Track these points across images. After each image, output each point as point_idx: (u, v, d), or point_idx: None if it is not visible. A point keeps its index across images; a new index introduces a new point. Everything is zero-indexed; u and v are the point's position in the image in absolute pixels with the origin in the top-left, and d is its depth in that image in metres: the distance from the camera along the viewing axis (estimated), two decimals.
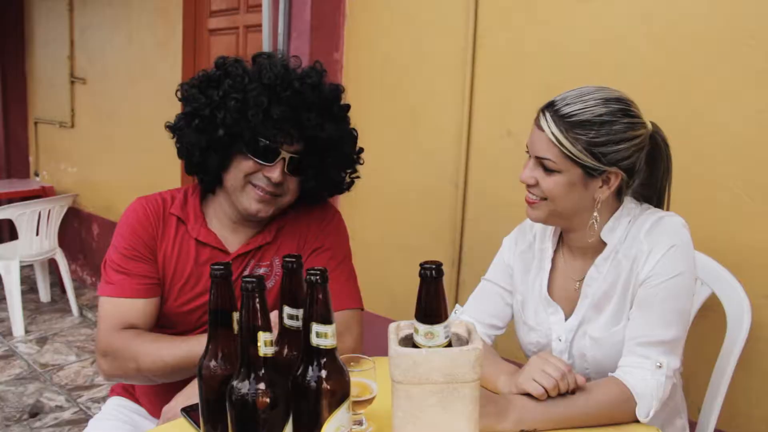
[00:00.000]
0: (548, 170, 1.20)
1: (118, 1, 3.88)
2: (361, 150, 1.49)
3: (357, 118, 1.59)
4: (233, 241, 1.42)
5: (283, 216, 1.45)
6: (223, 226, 1.42)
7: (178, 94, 1.40)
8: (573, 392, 1.13)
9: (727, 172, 1.65)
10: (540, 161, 1.21)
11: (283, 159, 1.32)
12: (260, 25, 2.81)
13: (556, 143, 1.18)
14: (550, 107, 1.21)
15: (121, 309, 1.34)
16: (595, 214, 1.24)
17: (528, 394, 1.13)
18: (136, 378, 1.36)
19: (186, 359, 1.26)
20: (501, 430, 1.08)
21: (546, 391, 1.11)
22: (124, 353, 1.31)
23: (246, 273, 1.40)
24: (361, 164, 1.50)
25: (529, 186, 1.25)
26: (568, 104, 1.19)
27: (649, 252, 1.20)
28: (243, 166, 1.33)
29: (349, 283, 1.45)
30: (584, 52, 1.91)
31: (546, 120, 1.20)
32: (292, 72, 1.35)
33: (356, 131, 1.47)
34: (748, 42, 1.60)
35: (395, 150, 2.48)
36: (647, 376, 1.15)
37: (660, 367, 1.15)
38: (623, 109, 1.19)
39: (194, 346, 1.26)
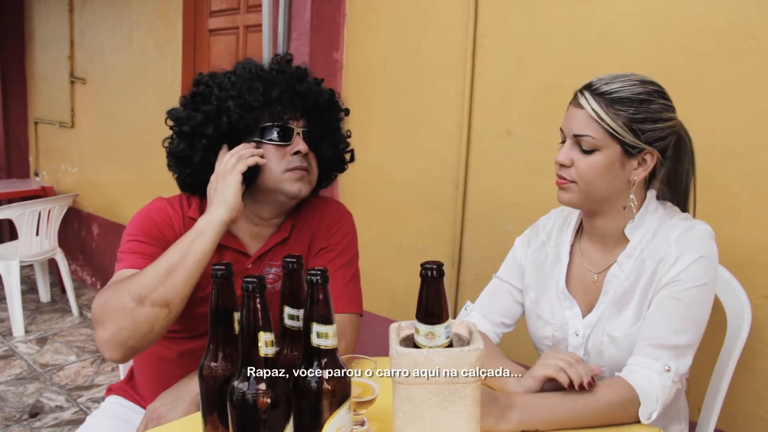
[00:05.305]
0: (585, 151, 1.21)
1: (118, 1, 3.88)
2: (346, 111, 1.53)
3: (357, 119, 1.59)
4: (253, 245, 1.42)
5: (297, 213, 1.46)
6: (245, 232, 1.42)
7: (168, 121, 1.41)
8: (584, 388, 1.13)
9: (727, 172, 1.66)
10: (578, 140, 1.21)
11: (299, 134, 1.37)
12: (260, 25, 2.81)
13: (597, 119, 1.19)
14: (588, 87, 1.22)
15: (119, 277, 1.27)
16: (632, 196, 1.24)
17: (531, 394, 1.13)
18: (138, 320, 1.16)
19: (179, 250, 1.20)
20: (502, 430, 1.08)
21: (565, 372, 1.12)
22: (115, 297, 1.18)
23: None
24: (350, 137, 1.54)
25: (562, 167, 1.24)
26: (607, 83, 1.21)
27: (678, 257, 1.19)
28: (272, 158, 1.34)
29: (349, 287, 1.43)
30: (584, 52, 1.91)
31: (586, 98, 1.21)
32: (265, 63, 1.42)
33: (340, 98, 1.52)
34: (749, 42, 1.60)
35: (395, 150, 2.48)
36: (654, 377, 1.14)
37: (668, 370, 1.15)
38: (659, 91, 1.23)
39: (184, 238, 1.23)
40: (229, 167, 1.28)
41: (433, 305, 0.91)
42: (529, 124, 2.07)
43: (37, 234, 3.81)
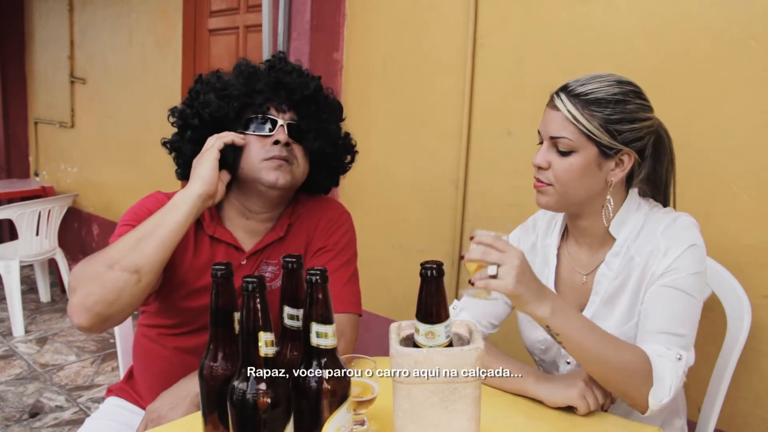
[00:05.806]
0: (562, 153, 1.20)
1: (118, 1, 3.88)
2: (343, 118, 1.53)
3: (357, 118, 1.59)
4: (247, 240, 1.42)
5: (294, 212, 1.46)
6: (237, 226, 1.43)
7: (170, 119, 1.45)
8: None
9: (727, 172, 1.66)
10: (554, 142, 1.21)
11: (282, 126, 1.37)
12: (260, 25, 2.82)
13: (573, 120, 1.18)
14: (564, 89, 1.21)
15: None
16: (609, 197, 1.24)
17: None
18: (106, 285, 1.16)
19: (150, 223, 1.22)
20: (532, 311, 1.07)
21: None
22: (88, 264, 1.19)
23: (255, 272, 1.40)
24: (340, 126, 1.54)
25: (539, 169, 1.24)
26: (582, 84, 1.20)
27: (667, 249, 1.19)
28: (252, 147, 1.36)
29: (348, 287, 1.43)
30: (584, 52, 1.91)
31: (561, 100, 1.20)
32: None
33: (340, 104, 1.52)
34: (749, 42, 1.60)
35: (395, 150, 2.48)
36: (669, 366, 1.13)
37: (680, 359, 1.14)
38: (635, 91, 1.22)
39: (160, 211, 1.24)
40: (208, 146, 1.33)
41: (432, 305, 0.91)
42: (528, 124, 2.06)
43: (37, 234, 3.81)
